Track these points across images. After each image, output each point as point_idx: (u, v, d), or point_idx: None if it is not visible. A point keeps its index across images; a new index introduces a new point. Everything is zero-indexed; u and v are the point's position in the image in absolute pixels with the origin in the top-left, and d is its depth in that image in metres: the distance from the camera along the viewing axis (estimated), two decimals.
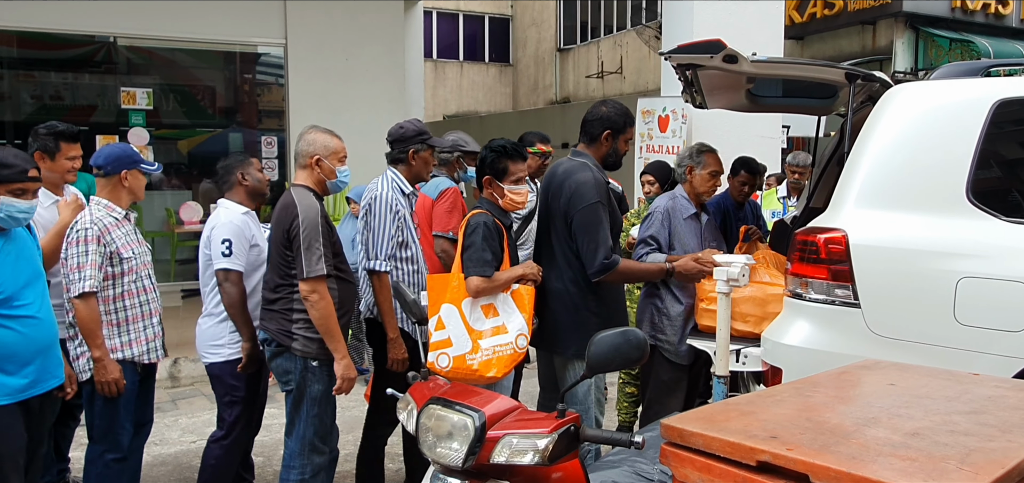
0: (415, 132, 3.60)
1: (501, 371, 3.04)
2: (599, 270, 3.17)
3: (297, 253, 2.98)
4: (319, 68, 9.10)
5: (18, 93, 10.70)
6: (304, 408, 3.13)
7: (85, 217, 3.16)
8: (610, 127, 3.37)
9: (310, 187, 3.14)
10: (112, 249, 3.17)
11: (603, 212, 3.21)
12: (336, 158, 3.19)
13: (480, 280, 3.05)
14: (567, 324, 3.24)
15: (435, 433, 2.03)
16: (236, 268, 3.38)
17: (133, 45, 10.05)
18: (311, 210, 3.02)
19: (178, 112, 10.99)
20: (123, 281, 3.21)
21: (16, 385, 2.66)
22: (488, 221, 3.13)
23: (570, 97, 19.78)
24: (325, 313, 3.00)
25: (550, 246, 3.34)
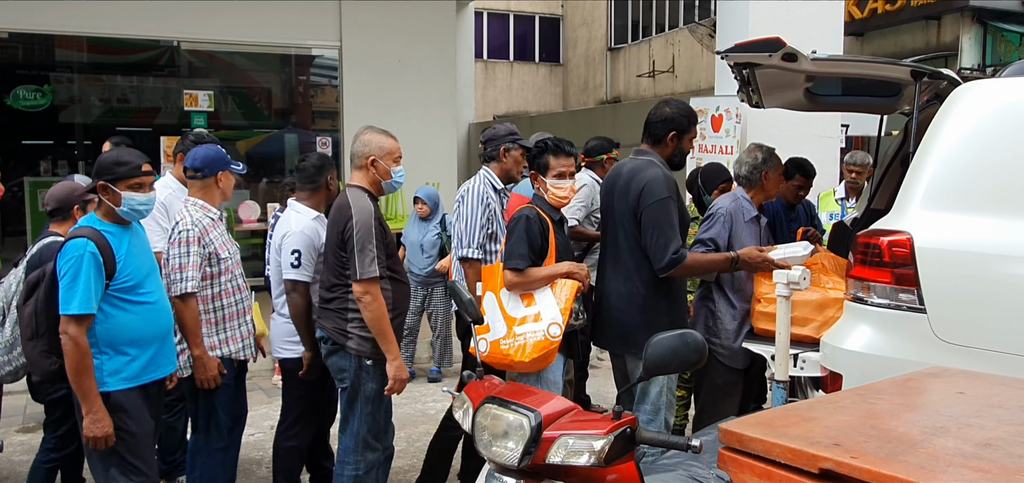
0: (506, 133, 3.82)
1: (531, 357, 3.08)
2: (668, 264, 3.16)
3: (351, 254, 3.02)
4: (372, 69, 9.24)
5: (88, 96, 11.16)
6: (358, 405, 3.19)
7: (186, 218, 3.25)
8: (675, 127, 3.36)
9: (365, 188, 3.18)
10: (211, 249, 3.26)
11: (674, 208, 3.20)
12: (391, 158, 3.22)
13: (511, 274, 3.17)
14: (637, 325, 3.22)
15: (491, 432, 2.05)
16: (303, 279, 3.45)
17: (195, 49, 10.38)
18: (365, 212, 3.05)
19: (237, 114, 11.31)
20: (220, 281, 3.30)
21: (138, 368, 2.80)
22: (531, 215, 3.21)
23: (621, 97, 19.63)
24: (377, 314, 3.04)
25: (616, 247, 3.31)
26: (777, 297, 3.21)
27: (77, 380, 2.64)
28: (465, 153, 15.23)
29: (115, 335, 2.73)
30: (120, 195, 2.76)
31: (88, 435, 2.66)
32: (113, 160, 2.78)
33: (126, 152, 2.89)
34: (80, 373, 2.63)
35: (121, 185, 2.76)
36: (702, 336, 2.09)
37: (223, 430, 3.36)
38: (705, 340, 2.10)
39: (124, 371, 2.76)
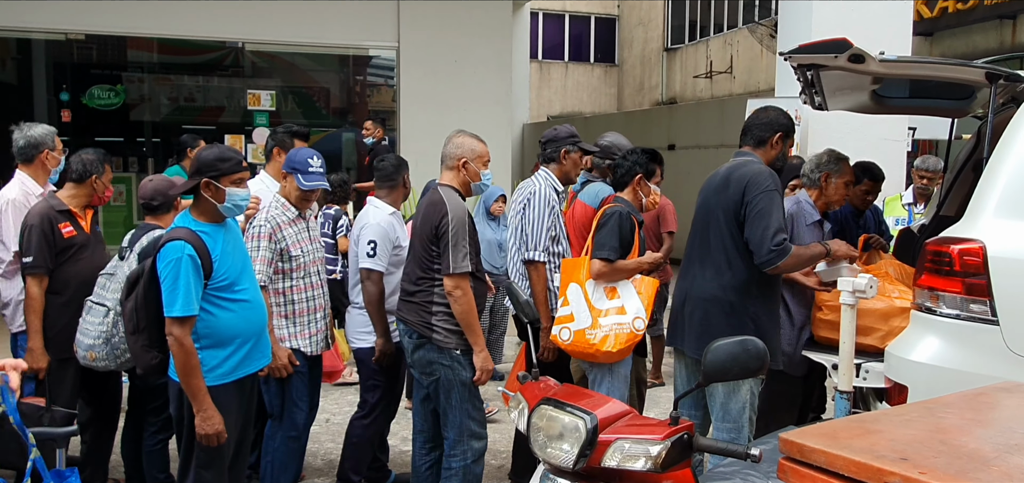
0: (567, 134, 3.85)
1: (617, 348, 3.28)
2: (769, 253, 3.00)
3: (445, 249, 3.08)
4: (428, 69, 9.35)
5: (157, 95, 11.61)
6: (454, 397, 3.22)
7: (261, 214, 3.37)
8: (780, 129, 3.27)
9: (455, 187, 3.24)
10: (282, 246, 3.34)
11: (779, 201, 3.09)
12: (481, 162, 3.29)
13: (601, 264, 3.34)
14: (722, 330, 3.05)
15: (546, 433, 2.06)
16: (378, 268, 3.57)
17: (258, 50, 10.69)
18: (459, 209, 3.13)
19: (296, 113, 11.60)
20: (292, 277, 3.38)
21: (234, 364, 2.88)
22: (623, 212, 3.42)
23: (677, 98, 19.39)
24: (467, 308, 3.09)
25: (708, 247, 3.21)
26: (842, 305, 3.10)
27: (186, 380, 2.72)
28: (519, 153, 15.27)
29: (212, 332, 2.81)
30: (224, 191, 2.81)
31: (200, 432, 2.75)
32: (216, 156, 2.84)
33: (226, 148, 2.98)
34: (188, 373, 2.71)
35: (225, 181, 2.81)
36: (763, 343, 2.05)
37: (296, 420, 3.45)
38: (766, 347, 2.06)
39: (221, 367, 2.84)
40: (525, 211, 3.68)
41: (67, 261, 3.47)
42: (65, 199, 3.56)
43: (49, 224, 3.42)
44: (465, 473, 3.25)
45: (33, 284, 3.41)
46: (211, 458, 2.85)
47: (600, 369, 3.52)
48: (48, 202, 3.53)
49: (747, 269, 3.11)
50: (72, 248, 3.49)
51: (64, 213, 3.51)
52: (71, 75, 10.59)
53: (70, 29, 8.91)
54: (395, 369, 3.75)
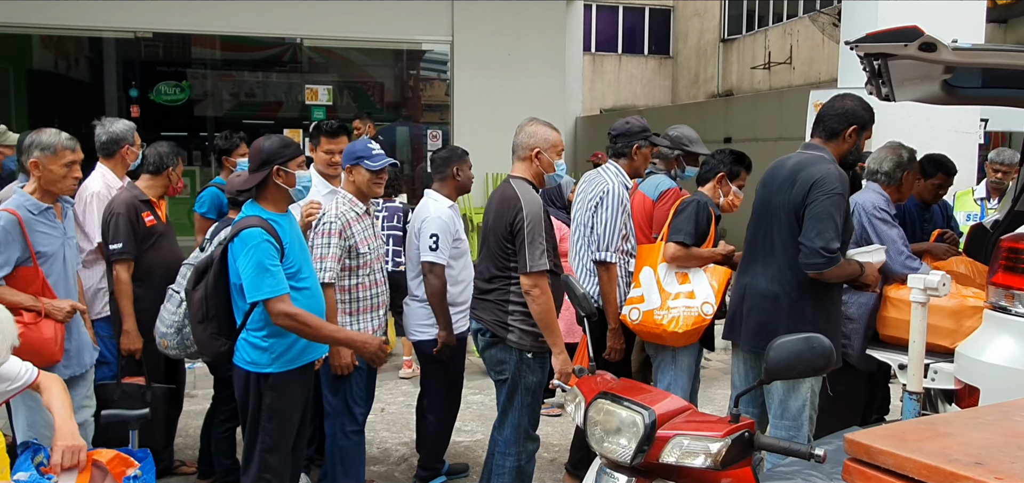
0: (640, 129, 3.76)
1: (684, 330, 3.31)
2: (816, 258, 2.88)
3: (520, 247, 3.00)
4: (482, 63, 9.40)
5: (219, 91, 11.95)
6: (518, 398, 3.19)
7: (331, 210, 3.32)
8: (856, 122, 3.09)
9: (528, 180, 3.15)
10: (351, 243, 3.30)
11: (843, 207, 2.97)
12: (555, 151, 3.17)
13: (676, 247, 3.40)
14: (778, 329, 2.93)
15: (603, 427, 2.05)
16: (440, 262, 3.59)
17: (316, 45, 10.90)
18: (534, 204, 3.04)
19: (352, 107, 11.79)
20: (359, 273, 3.34)
21: (297, 351, 2.95)
22: (702, 202, 3.49)
23: (733, 90, 19.00)
24: (545, 307, 3.00)
25: (769, 243, 3.12)
26: (912, 303, 2.97)
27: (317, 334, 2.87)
28: (571, 147, 15.20)
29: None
30: (294, 176, 2.87)
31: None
32: (281, 144, 2.90)
33: (283, 136, 3.01)
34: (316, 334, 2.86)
35: (292, 165, 2.87)
36: (829, 341, 2.00)
37: (357, 415, 3.46)
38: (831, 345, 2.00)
39: (286, 354, 2.90)
40: (598, 210, 3.62)
41: (149, 249, 3.61)
42: (145, 189, 3.71)
43: (134, 212, 3.57)
44: (518, 473, 3.24)
45: (122, 269, 3.54)
46: (276, 442, 2.93)
47: (665, 355, 3.52)
48: (131, 191, 3.67)
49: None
50: (153, 236, 3.63)
51: (145, 203, 3.65)
52: (140, 72, 10.98)
53: (139, 28, 9.24)
54: (457, 360, 3.77)
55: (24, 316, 2.92)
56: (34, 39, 10.40)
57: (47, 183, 3.09)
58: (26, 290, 3.00)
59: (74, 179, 3.16)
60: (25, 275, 3.00)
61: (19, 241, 2.97)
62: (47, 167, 3.06)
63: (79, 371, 3.23)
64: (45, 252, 3.07)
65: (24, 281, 3.00)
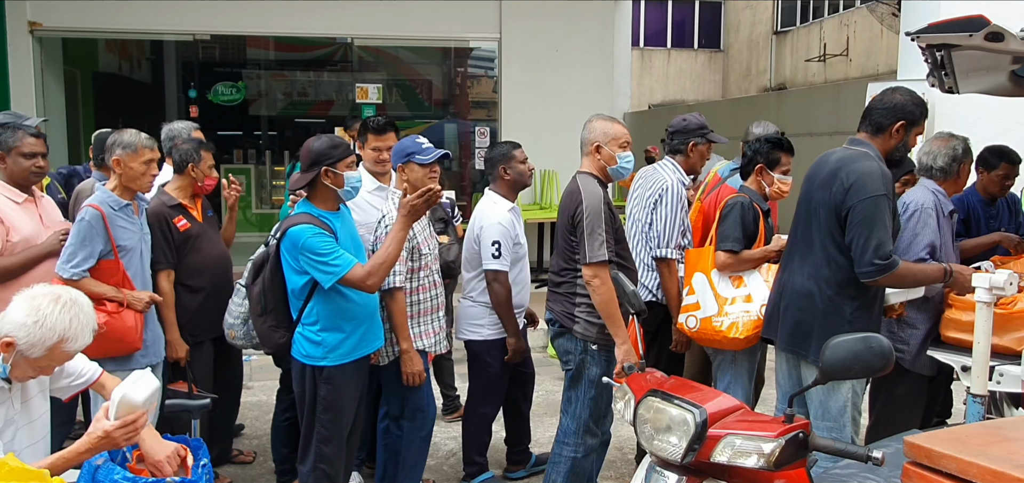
0: (697, 125, 3.78)
1: (744, 335, 3.28)
2: (873, 269, 2.81)
3: (580, 238, 3.04)
4: (530, 60, 9.39)
5: (273, 91, 12.24)
6: (581, 389, 3.20)
7: (392, 212, 3.22)
8: (904, 117, 2.98)
9: (593, 174, 3.18)
10: (414, 244, 3.24)
11: (887, 207, 2.87)
12: (616, 144, 3.17)
13: (725, 256, 3.37)
14: (814, 328, 2.96)
15: (653, 425, 2.04)
16: (504, 269, 3.59)
17: (366, 44, 11.05)
18: (594, 197, 3.07)
19: (401, 105, 11.94)
20: (419, 275, 3.28)
21: (352, 345, 2.98)
22: (746, 203, 3.42)
23: (787, 83, 18.58)
24: (606, 298, 3.00)
25: (809, 241, 3.05)
26: (977, 303, 2.85)
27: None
28: None
29: (333, 314, 2.94)
30: (342, 176, 2.94)
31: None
32: (330, 144, 2.96)
33: (333, 137, 3.07)
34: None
35: (341, 166, 2.94)
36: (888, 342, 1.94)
37: (424, 418, 3.40)
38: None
39: (340, 348, 2.97)
40: (657, 207, 3.62)
41: (189, 252, 3.59)
42: (173, 192, 3.65)
43: (164, 221, 3.53)
44: (574, 465, 3.24)
45: (162, 279, 3.51)
46: (331, 434, 3.00)
47: (724, 358, 3.50)
48: (160, 199, 3.62)
49: (847, 269, 2.91)
50: (190, 239, 3.59)
51: (175, 208, 3.60)
52: (198, 73, 11.31)
53: (197, 30, 9.51)
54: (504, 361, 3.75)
55: (107, 306, 3.08)
56: (100, 43, 10.80)
57: (127, 180, 3.24)
58: (108, 282, 3.15)
59: (151, 176, 3.31)
60: (107, 268, 3.15)
61: (102, 235, 3.13)
62: (128, 165, 3.21)
63: (156, 360, 3.38)
64: (125, 246, 3.22)
65: (106, 273, 3.15)
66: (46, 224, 3.39)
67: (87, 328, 2.25)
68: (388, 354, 3.29)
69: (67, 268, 3.08)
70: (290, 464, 3.75)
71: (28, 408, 2.36)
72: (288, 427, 3.76)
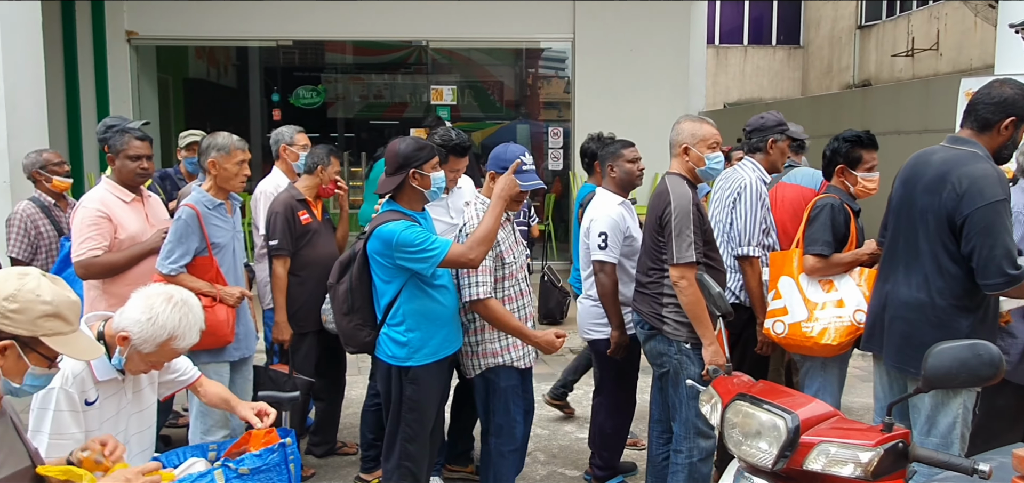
0: (775, 123, 3.71)
1: (837, 341, 3.16)
2: (1002, 281, 2.62)
3: (668, 239, 3.02)
4: (603, 60, 9.35)
5: (350, 94, 12.56)
6: (682, 391, 3.13)
7: (473, 219, 3.19)
8: (1015, 113, 2.77)
9: (682, 175, 3.15)
10: (497, 251, 3.16)
11: (1007, 212, 2.68)
12: (705, 145, 3.12)
13: (815, 260, 3.25)
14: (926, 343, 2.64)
15: (742, 430, 1.99)
16: (610, 260, 3.58)
17: (441, 47, 11.22)
18: (683, 198, 3.04)
19: (474, 106, 12.06)
20: (504, 285, 3.20)
21: (436, 345, 3.02)
22: (835, 204, 3.30)
23: (871, 79, 17.83)
24: (693, 299, 2.96)
25: (915, 249, 2.86)
26: None
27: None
28: None
29: (418, 315, 3.00)
30: (429, 177, 2.99)
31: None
32: (416, 147, 3.02)
33: (417, 139, 3.13)
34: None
35: (427, 167, 2.98)
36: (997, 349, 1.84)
37: (516, 432, 3.34)
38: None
39: (425, 348, 3.02)
40: (736, 205, 3.56)
41: (304, 246, 3.86)
42: (302, 189, 3.97)
43: (291, 211, 3.82)
44: (691, 470, 3.17)
45: (278, 264, 3.82)
46: (415, 432, 3.06)
47: (813, 364, 3.38)
48: (289, 191, 3.94)
49: (962, 279, 2.72)
50: (308, 234, 3.86)
51: (302, 202, 3.89)
52: (280, 78, 11.72)
53: (280, 36, 9.86)
54: (631, 359, 3.73)
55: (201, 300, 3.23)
56: (190, 50, 11.33)
57: (222, 180, 3.40)
58: (202, 277, 3.31)
59: (244, 177, 3.45)
60: (201, 264, 3.32)
61: (197, 233, 3.29)
62: (222, 166, 3.37)
63: (247, 353, 3.54)
64: (218, 243, 3.38)
65: (200, 269, 3.31)
66: (151, 222, 3.59)
67: (195, 328, 2.38)
68: (476, 367, 3.26)
69: (166, 264, 3.25)
70: (375, 450, 3.85)
71: (139, 398, 2.50)
72: (375, 414, 3.84)
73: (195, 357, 2.88)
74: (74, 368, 2.28)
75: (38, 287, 1.77)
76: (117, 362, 2.34)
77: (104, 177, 3.62)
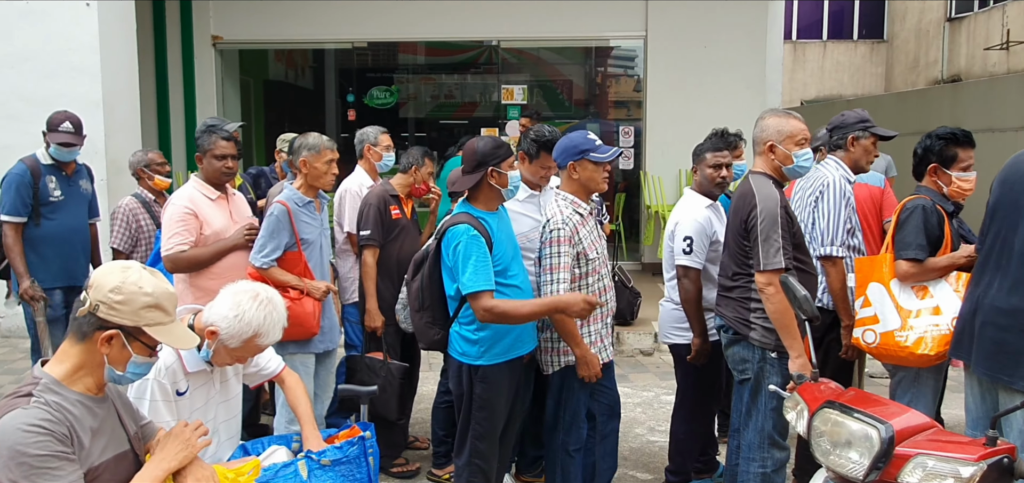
0: (857, 120, 3.57)
1: (935, 349, 3.00)
2: None
3: (755, 244, 2.90)
4: (676, 58, 9.19)
5: (421, 94, 12.74)
6: (761, 400, 3.03)
7: (557, 216, 3.13)
8: None
9: (768, 174, 3.01)
10: (580, 249, 3.13)
11: None
12: (792, 142, 2.98)
13: (909, 265, 3.07)
14: (1018, 349, 2.61)
15: (831, 439, 1.92)
16: (694, 265, 3.53)
17: (512, 46, 11.26)
18: (770, 200, 2.90)
19: (543, 105, 12.04)
20: (586, 282, 3.18)
21: (506, 345, 3.01)
22: (927, 205, 3.14)
23: (962, 74, 16.92)
24: (781, 307, 2.82)
25: (1009, 251, 2.71)
26: None
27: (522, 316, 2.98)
28: None
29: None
30: (507, 176, 2.98)
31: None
32: (494, 145, 3.03)
33: (495, 138, 3.14)
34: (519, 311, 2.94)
35: (505, 165, 2.98)
36: None
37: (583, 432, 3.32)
38: None
39: (496, 348, 3.02)
40: (818, 204, 3.41)
41: (392, 241, 3.97)
42: (395, 185, 4.08)
43: (383, 205, 3.94)
44: (764, 481, 3.07)
45: (368, 254, 3.93)
46: (485, 431, 3.06)
47: (905, 375, 3.23)
48: (383, 186, 4.05)
49: None
50: (396, 229, 3.97)
51: (394, 197, 4.02)
52: (355, 79, 12.00)
53: (355, 38, 10.09)
54: (713, 365, 3.64)
55: (290, 293, 3.35)
56: (270, 53, 11.72)
57: (312, 179, 3.52)
58: (291, 271, 3.43)
59: (333, 175, 3.57)
60: (291, 259, 3.44)
61: (288, 229, 3.42)
62: (312, 165, 3.49)
63: (331, 347, 3.65)
64: (307, 239, 3.50)
65: (289, 264, 3.44)
66: (235, 219, 3.73)
67: (278, 325, 2.46)
68: (554, 363, 3.25)
69: (259, 258, 3.39)
70: (446, 447, 3.90)
71: (226, 388, 2.61)
72: (446, 411, 3.88)
73: (283, 348, 2.97)
74: (166, 360, 2.40)
75: (140, 279, 1.86)
76: (205, 354, 2.44)
77: (193, 176, 3.78)
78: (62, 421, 1.77)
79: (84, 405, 1.84)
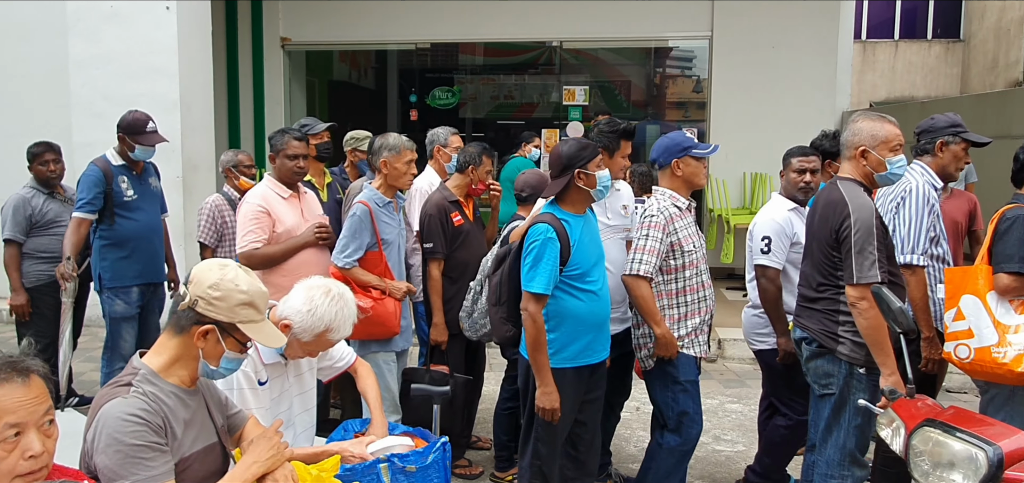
0: (947, 124, 3.42)
1: None
2: None
3: (847, 256, 2.76)
4: (743, 57, 8.99)
5: (481, 94, 12.80)
6: (845, 416, 2.91)
7: (653, 205, 3.24)
8: None
9: (858, 181, 2.88)
10: (674, 239, 3.18)
11: None
12: (886, 148, 2.83)
13: (1009, 278, 2.96)
14: None
15: (931, 459, 1.83)
16: (773, 265, 3.49)
17: (573, 47, 11.21)
18: (865, 210, 2.76)
19: (602, 106, 11.95)
20: (684, 274, 3.20)
21: (575, 351, 2.99)
22: None
23: None
24: (874, 323, 2.69)
25: None
26: None
27: (533, 355, 2.91)
28: None
29: (560, 317, 2.97)
30: (594, 176, 2.95)
31: (538, 405, 2.93)
32: (579, 147, 2.99)
33: (581, 139, 3.10)
34: (536, 348, 2.86)
35: (591, 166, 2.94)
36: None
37: (691, 433, 3.30)
38: None
39: (565, 351, 3.00)
40: (899, 210, 3.27)
41: (458, 247, 3.88)
42: (453, 188, 3.96)
43: (444, 214, 3.83)
44: None
45: (434, 267, 3.83)
46: (548, 435, 3.03)
47: (998, 393, 3.07)
48: (441, 193, 3.94)
49: None
50: (461, 235, 3.87)
51: (454, 203, 3.90)
52: (417, 80, 12.14)
53: (418, 39, 10.21)
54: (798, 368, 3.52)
55: (372, 293, 3.39)
56: (334, 54, 11.95)
57: (392, 179, 3.56)
58: (372, 271, 3.48)
59: (412, 175, 3.61)
60: (372, 258, 3.49)
61: (369, 229, 3.47)
62: (393, 165, 3.53)
63: (407, 346, 3.69)
64: (387, 240, 3.56)
65: (371, 263, 3.49)
66: (306, 218, 3.79)
67: (349, 321, 2.49)
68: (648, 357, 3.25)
69: (341, 258, 3.44)
70: (508, 451, 3.91)
71: (300, 381, 2.66)
72: (509, 416, 3.89)
73: (365, 347, 3.01)
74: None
75: (236, 277, 1.91)
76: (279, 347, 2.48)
77: (266, 175, 3.87)
78: (158, 412, 1.82)
79: (178, 397, 1.90)
